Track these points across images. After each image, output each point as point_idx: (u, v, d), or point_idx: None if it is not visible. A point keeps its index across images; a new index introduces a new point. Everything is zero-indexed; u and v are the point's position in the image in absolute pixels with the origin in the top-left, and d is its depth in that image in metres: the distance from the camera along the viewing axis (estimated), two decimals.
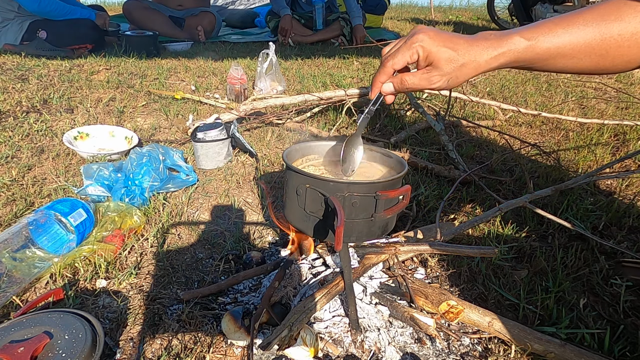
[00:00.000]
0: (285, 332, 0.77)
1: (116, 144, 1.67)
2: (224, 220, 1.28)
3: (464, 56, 0.58)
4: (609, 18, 0.53)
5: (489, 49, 0.58)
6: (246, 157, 1.69)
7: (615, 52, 0.53)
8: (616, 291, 1.00)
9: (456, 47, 0.58)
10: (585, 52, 0.55)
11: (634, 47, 0.52)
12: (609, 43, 0.53)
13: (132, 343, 0.83)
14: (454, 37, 0.60)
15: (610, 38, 0.53)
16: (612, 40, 0.53)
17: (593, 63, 0.56)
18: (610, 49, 0.53)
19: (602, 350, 0.85)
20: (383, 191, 0.74)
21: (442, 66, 0.59)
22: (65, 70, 2.58)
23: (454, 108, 2.33)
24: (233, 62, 2.82)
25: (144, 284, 0.99)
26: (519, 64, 0.59)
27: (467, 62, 0.58)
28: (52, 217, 1.01)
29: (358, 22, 4.01)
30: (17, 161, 1.49)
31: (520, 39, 0.56)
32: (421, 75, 0.61)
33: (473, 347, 0.85)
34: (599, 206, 1.36)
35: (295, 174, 0.78)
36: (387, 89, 0.65)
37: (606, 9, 0.53)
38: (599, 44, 0.54)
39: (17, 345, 0.68)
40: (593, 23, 0.54)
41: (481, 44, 0.58)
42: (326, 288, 0.86)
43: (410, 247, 0.96)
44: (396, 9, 7.99)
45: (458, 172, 1.54)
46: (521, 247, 1.17)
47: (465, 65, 0.59)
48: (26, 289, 0.94)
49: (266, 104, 1.91)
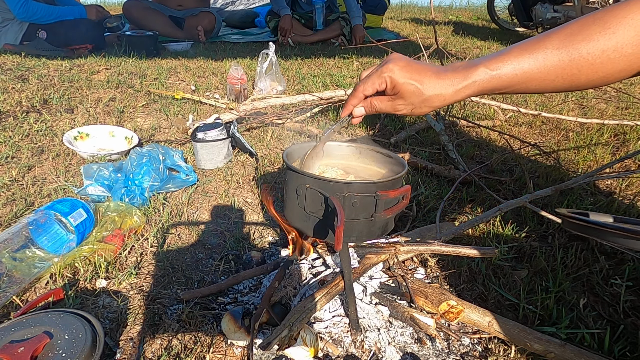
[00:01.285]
0: (285, 332, 0.77)
1: (116, 144, 1.67)
2: (224, 220, 1.28)
3: (428, 90, 0.61)
4: (576, 38, 0.53)
5: (455, 82, 0.60)
6: (246, 157, 1.69)
7: (588, 70, 0.54)
8: (616, 291, 1.00)
9: (423, 80, 0.61)
10: (556, 74, 0.55)
11: (607, 63, 0.52)
12: (579, 62, 0.54)
13: (132, 343, 0.83)
14: (423, 70, 0.62)
15: (580, 58, 0.53)
16: (583, 60, 0.53)
17: (567, 82, 0.56)
18: (583, 68, 0.54)
19: (602, 350, 0.85)
20: (383, 191, 0.74)
21: (407, 97, 0.63)
22: (65, 70, 2.58)
23: (454, 108, 2.33)
24: (233, 62, 2.82)
25: (144, 284, 0.99)
26: (489, 92, 0.61)
27: (431, 96, 0.61)
28: (52, 217, 1.01)
29: (358, 22, 4.01)
30: (17, 161, 1.49)
31: (484, 70, 0.58)
32: (387, 101, 0.66)
33: (473, 347, 0.85)
34: (599, 206, 1.36)
35: (295, 174, 0.78)
36: (357, 112, 0.71)
37: (573, 29, 0.54)
38: (568, 64, 0.54)
39: (17, 345, 0.68)
40: (560, 45, 0.54)
41: (449, 77, 0.60)
42: (326, 288, 0.86)
43: (410, 247, 0.96)
44: (396, 9, 7.99)
45: (458, 172, 1.54)
46: (521, 247, 1.17)
47: (429, 99, 0.62)
48: (26, 289, 0.94)
49: (266, 104, 1.92)
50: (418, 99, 0.62)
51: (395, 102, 0.64)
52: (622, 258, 1.12)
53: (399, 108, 0.65)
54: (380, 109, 0.67)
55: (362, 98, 0.68)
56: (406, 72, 0.61)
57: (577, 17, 4.06)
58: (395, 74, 0.62)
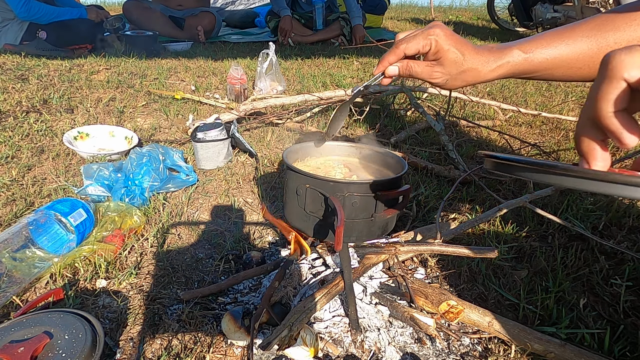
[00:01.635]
0: (285, 332, 0.77)
1: (116, 144, 1.67)
2: (224, 220, 1.28)
3: (468, 62, 0.61)
4: (605, 28, 0.56)
5: (490, 60, 0.61)
6: (246, 157, 1.69)
7: None
8: (616, 291, 1.00)
9: (464, 51, 0.61)
10: (583, 62, 0.58)
11: None
12: (606, 51, 0.56)
13: (132, 343, 0.83)
14: (465, 42, 0.63)
15: (607, 46, 0.56)
16: (610, 49, 0.56)
17: (592, 71, 0.59)
18: None
19: (602, 350, 0.85)
20: (383, 191, 0.74)
21: (447, 65, 0.62)
22: (65, 70, 2.58)
23: (454, 108, 2.33)
24: (233, 62, 2.82)
25: (144, 284, 0.99)
26: (518, 75, 0.62)
27: (469, 69, 0.62)
28: (52, 217, 1.01)
29: (358, 22, 4.01)
30: (17, 161, 1.49)
31: (518, 52, 0.60)
32: (425, 66, 0.64)
33: (473, 347, 0.85)
34: (599, 206, 1.36)
35: (295, 174, 0.78)
36: (391, 71, 0.67)
37: (602, 20, 0.57)
38: (596, 53, 0.57)
39: (17, 345, 0.68)
40: (590, 34, 0.57)
41: (485, 55, 0.61)
42: (326, 288, 0.86)
43: (410, 247, 0.96)
44: (396, 9, 7.99)
45: (458, 172, 1.54)
46: (521, 247, 1.17)
47: (467, 72, 0.62)
48: (26, 289, 0.94)
49: (266, 104, 1.92)
50: (457, 69, 0.62)
51: (433, 68, 0.63)
52: (622, 258, 1.12)
53: (435, 75, 0.63)
54: (416, 72, 0.65)
55: (401, 56, 0.65)
56: (451, 40, 0.61)
57: (577, 17, 4.02)
58: (441, 38, 0.61)
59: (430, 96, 2.33)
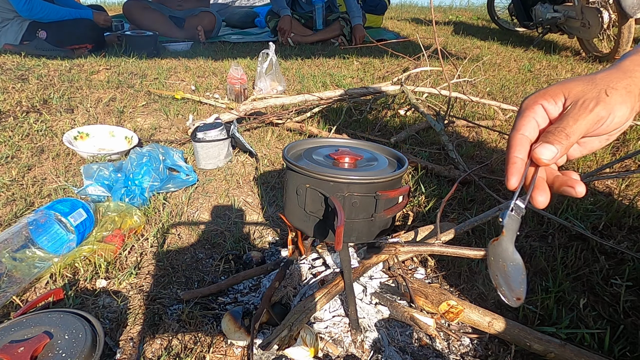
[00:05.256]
0: (285, 332, 0.77)
1: (116, 144, 1.67)
2: (224, 220, 1.28)
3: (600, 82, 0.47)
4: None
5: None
6: (246, 157, 1.69)
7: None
8: (616, 291, 1.00)
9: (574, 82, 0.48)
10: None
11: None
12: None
13: (132, 343, 0.83)
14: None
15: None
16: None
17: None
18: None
19: (602, 350, 0.85)
20: (383, 191, 0.74)
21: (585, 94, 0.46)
22: (65, 70, 2.58)
23: (454, 108, 2.33)
24: (233, 62, 2.82)
25: (144, 284, 0.99)
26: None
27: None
28: (52, 217, 1.01)
29: (358, 22, 4.01)
30: (17, 161, 1.49)
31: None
32: (578, 114, 0.45)
33: (473, 347, 0.85)
34: (599, 206, 1.36)
35: (295, 174, 0.78)
36: (548, 155, 0.44)
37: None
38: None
39: (17, 345, 0.68)
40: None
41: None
42: (326, 288, 0.85)
43: (410, 247, 0.96)
44: (396, 9, 7.99)
45: (458, 172, 1.54)
46: (521, 247, 1.17)
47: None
48: (26, 289, 0.94)
49: (266, 104, 1.92)
50: (594, 87, 0.47)
51: (594, 109, 0.46)
52: (622, 258, 1.12)
53: (598, 111, 0.46)
54: (578, 128, 0.46)
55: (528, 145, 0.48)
56: (552, 88, 0.49)
57: (577, 17, 3.99)
58: (552, 89, 0.48)
59: (430, 96, 2.33)
